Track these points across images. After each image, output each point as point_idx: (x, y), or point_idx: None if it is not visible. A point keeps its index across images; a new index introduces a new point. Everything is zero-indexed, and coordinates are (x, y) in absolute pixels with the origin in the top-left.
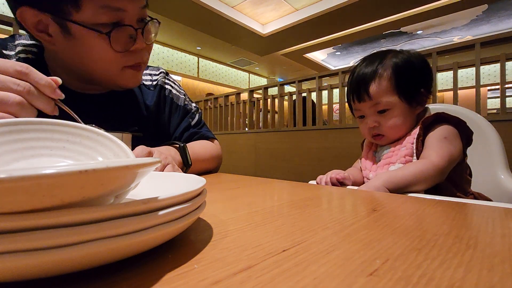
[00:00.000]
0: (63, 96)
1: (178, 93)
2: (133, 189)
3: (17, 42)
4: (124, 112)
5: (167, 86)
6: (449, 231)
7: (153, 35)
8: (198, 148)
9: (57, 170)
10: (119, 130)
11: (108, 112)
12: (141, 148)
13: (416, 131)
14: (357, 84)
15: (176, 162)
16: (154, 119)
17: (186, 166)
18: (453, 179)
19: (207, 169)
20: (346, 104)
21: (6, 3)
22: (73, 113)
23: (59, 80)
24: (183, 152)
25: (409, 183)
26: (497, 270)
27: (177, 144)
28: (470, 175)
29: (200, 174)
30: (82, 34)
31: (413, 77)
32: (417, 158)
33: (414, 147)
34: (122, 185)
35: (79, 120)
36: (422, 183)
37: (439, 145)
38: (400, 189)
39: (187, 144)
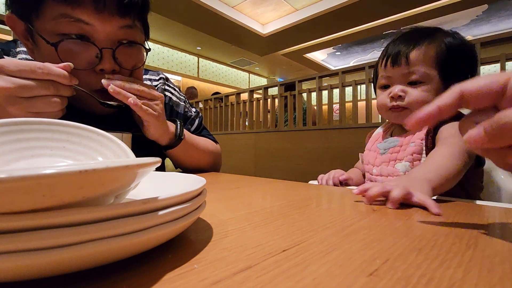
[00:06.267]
0: (77, 80)
1: (178, 100)
2: (133, 189)
3: (18, 49)
4: (124, 122)
5: (167, 93)
6: (449, 231)
7: (135, 61)
8: (196, 136)
9: (57, 170)
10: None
11: (106, 123)
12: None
13: None
14: (398, 48)
15: (171, 127)
16: None
17: (176, 137)
18: (465, 187)
19: (200, 160)
20: (346, 104)
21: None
22: (88, 92)
23: (71, 65)
24: (178, 125)
25: (452, 173)
26: (497, 270)
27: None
28: (482, 181)
29: (200, 174)
30: (39, 42)
31: (462, 60)
32: (426, 156)
33: (424, 144)
34: (122, 185)
35: (95, 96)
36: (461, 170)
37: (459, 135)
38: (443, 182)
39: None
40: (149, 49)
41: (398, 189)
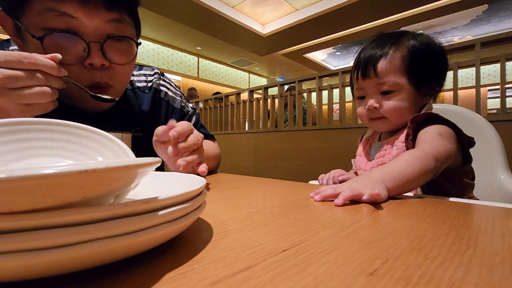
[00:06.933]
0: (66, 72)
1: (174, 95)
2: (133, 189)
3: (11, 48)
4: (119, 119)
5: (162, 88)
6: (449, 231)
7: (125, 56)
8: (206, 147)
9: (57, 170)
10: (119, 130)
11: (102, 120)
12: (186, 124)
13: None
14: (365, 59)
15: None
16: (150, 123)
17: None
18: (454, 184)
19: (212, 168)
20: (346, 104)
21: None
22: (78, 84)
23: (59, 56)
24: None
25: (407, 176)
26: (497, 270)
27: None
28: (473, 179)
29: None
30: (27, 39)
31: (429, 62)
32: None
33: (405, 146)
34: (122, 185)
35: (87, 90)
36: (421, 174)
37: (432, 140)
38: (399, 184)
39: None
40: (139, 43)
41: (348, 191)
